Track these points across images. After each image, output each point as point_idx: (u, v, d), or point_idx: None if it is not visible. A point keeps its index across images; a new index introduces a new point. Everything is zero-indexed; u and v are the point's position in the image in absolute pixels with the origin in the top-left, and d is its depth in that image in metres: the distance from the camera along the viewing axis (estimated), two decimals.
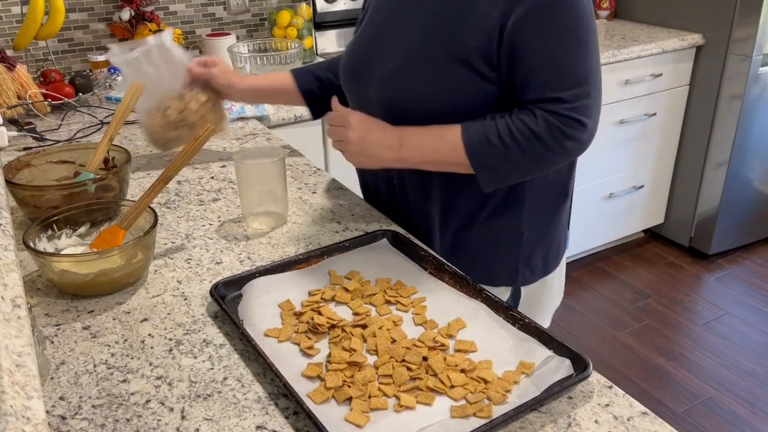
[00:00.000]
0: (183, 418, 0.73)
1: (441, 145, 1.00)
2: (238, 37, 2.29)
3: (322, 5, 2.33)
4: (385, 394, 0.75)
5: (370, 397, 0.74)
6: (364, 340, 0.83)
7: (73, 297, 0.95)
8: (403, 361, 0.79)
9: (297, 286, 0.94)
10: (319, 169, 1.38)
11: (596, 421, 0.72)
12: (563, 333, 2.38)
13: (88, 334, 0.87)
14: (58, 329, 0.88)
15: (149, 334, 0.87)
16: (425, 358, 0.80)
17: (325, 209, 1.20)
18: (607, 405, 0.74)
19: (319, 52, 2.37)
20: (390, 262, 1.00)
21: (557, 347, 0.80)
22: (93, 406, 0.75)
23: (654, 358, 2.29)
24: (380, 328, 0.84)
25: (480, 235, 1.11)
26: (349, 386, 0.76)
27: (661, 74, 2.54)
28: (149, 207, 1.01)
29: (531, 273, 1.15)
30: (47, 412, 0.74)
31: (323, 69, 1.30)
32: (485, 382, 0.76)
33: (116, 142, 1.31)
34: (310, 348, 0.82)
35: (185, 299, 0.94)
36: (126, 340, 0.86)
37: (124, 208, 1.05)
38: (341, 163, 1.98)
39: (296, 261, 0.99)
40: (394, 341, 0.83)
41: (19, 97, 1.68)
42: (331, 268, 0.98)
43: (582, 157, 1.16)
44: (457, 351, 0.82)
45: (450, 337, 0.84)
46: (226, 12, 2.29)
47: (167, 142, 1.30)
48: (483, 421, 0.70)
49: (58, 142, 1.54)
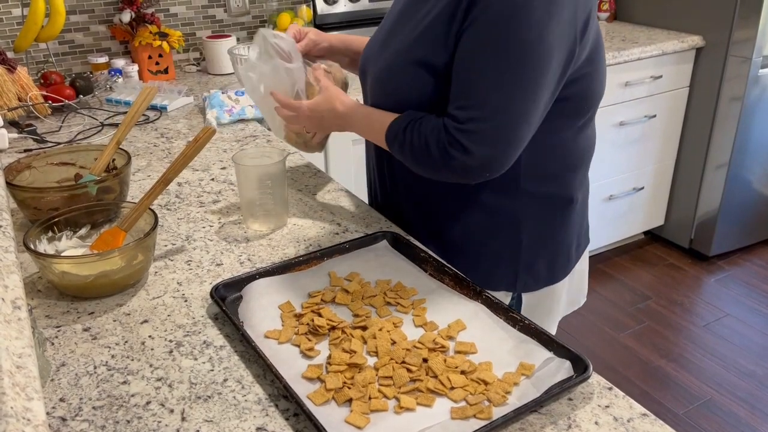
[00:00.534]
0: (183, 419, 0.73)
1: (374, 137, 1.07)
2: (238, 39, 2.29)
3: (323, 7, 2.33)
4: (386, 396, 0.75)
5: (370, 398, 0.74)
6: (364, 342, 0.83)
7: (73, 299, 0.95)
8: (403, 362, 0.79)
9: (297, 288, 0.94)
10: (319, 171, 1.38)
11: (596, 423, 0.72)
12: (563, 334, 2.38)
13: (89, 336, 0.87)
14: (58, 331, 0.88)
15: (149, 336, 0.87)
16: (425, 360, 0.80)
17: (325, 211, 1.20)
18: (607, 406, 0.74)
19: None
20: (390, 264, 1.00)
21: (557, 349, 0.80)
22: (93, 408, 0.75)
23: (654, 360, 2.29)
24: (380, 330, 0.84)
25: (477, 241, 1.10)
26: (349, 388, 0.76)
27: (661, 76, 2.54)
28: (150, 209, 1.01)
29: (533, 280, 1.13)
30: (47, 413, 0.74)
31: None
32: (485, 383, 0.76)
33: None
34: (310, 349, 0.82)
35: (185, 301, 0.94)
36: (126, 342, 0.86)
37: (125, 210, 1.06)
38: (341, 164, 1.99)
39: (296, 263, 0.99)
40: (394, 343, 0.83)
41: (19, 99, 1.69)
42: (331, 270, 0.98)
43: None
44: (457, 352, 0.82)
45: (450, 338, 0.85)
46: (227, 14, 2.30)
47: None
48: (483, 423, 0.70)
49: (59, 144, 1.54)
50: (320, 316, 0.87)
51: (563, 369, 0.77)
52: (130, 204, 1.04)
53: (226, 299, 0.92)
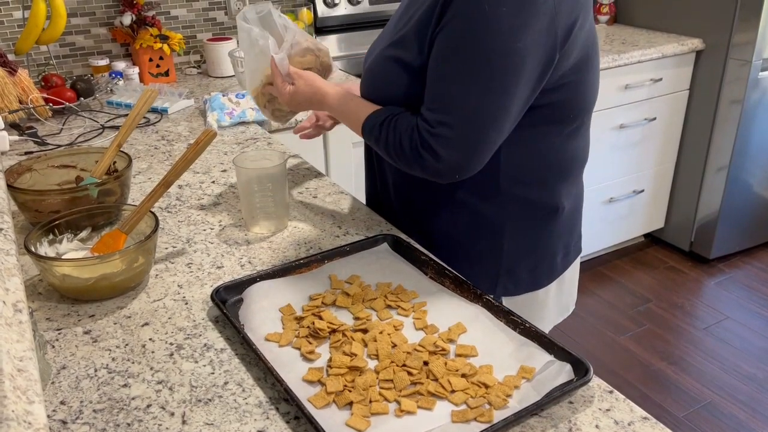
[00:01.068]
0: (184, 422, 0.73)
1: (352, 122, 1.07)
2: (238, 42, 2.29)
3: (323, 10, 2.34)
4: (386, 399, 0.75)
5: (370, 401, 0.74)
6: (365, 345, 0.83)
7: (74, 301, 0.95)
8: (404, 365, 0.79)
9: (298, 291, 0.94)
10: (319, 174, 1.38)
11: (597, 426, 0.72)
12: (563, 337, 2.38)
13: (89, 339, 0.87)
14: (59, 333, 0.88)
15: (150, 339, 0.87)
16: (426, 363, 0.80)
17: (325, 214, 1.20)
18: (608, 410, 0.74)
19: None
20: (391, 267, 1.00)
21: (558, 352, 0.80)
22: (94, 411, 0.75)
23: (654, 363, 2.29)
24: (381, 333, 0.84)
25: (458, 241, 1.10)
26: (349, 391, 0.76)
27: (661, 79, 2.55)
28: (150, 211, 1.01)
29: (514, 285, 1.12)
30: (48, 416, 0.74)
31: None
32: (486, 386, 0.76)
33: None
34: (311, 352, 0.82)
35: (186, 304, 0.94)
36: (127, 345, 0.86)
37: (126, 213, 1.06)
38: (342, 167, 1.99)
39: (297, 265, 0.99)
40: (394, 346, 0.83)
41: (20, 102, 1.69)
42: (332, 273, 0.98)
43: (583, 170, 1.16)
44: (458, 355, 0.82)
45: (451, 341, 0.85)
46: (227, 17, 2.30)
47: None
48: (484, 426, 0.70)
49: (60, 146, 1.54)
50: (321, 318, 0.87)
51: (564, 372, 0.77)
52: (131, 207, 1.04)
53: (227, 302, 0.92)
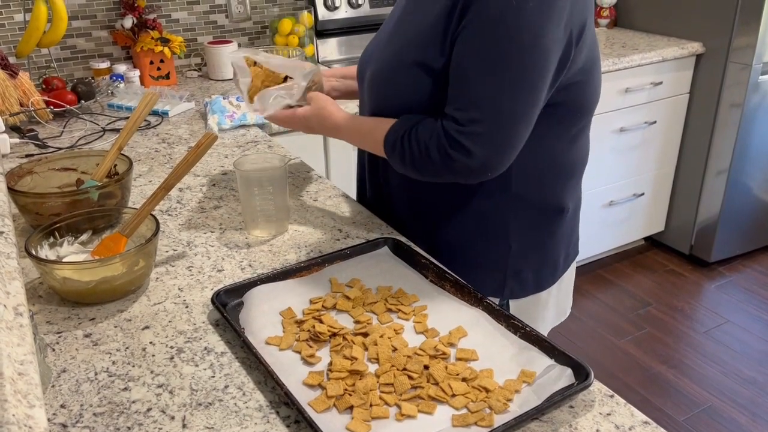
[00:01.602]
0: (184, 426, 0.73)
1: (370, 144, 1.08)
2: (239, 45, 2.30)
3: (324, 13, 2.34)
4: (387, 403, 0.75)
5: (371, 405, 0.74)
6: (366, 349, 0.83)
7: (74, 304, 0.95)
8: (405, 369, 0.79)
9: (298, 294, 0.94)
10: (320, 177, 1.38)
11: (597, 431, 0.72)
12: (563, 340, 2.38)
13: (90, 342, 0.87)
14: (59, 337, 0.88)
15: (150, 342, 0.87)
16: (426, 367, 0.80)
17: (326, 217, 1.20)
18: (609, 414, 0.74)
19: (320, 60, 2.37)
20: (391, 270, 1.00)
21: (558, 356, 0.80)
22: (94, 414, 0.75)
23: (655, 366, 2.29)
24: (381, 337, 0.84)
25: (465, 246, 1.10)
26: (350, 395, 0.76)
27: (661, 82, 2.55)
28: (151, 214, 1.01)
29: (520, 287, 1.13)
30: (48, 420, 0.74)
31: None
32: (486, 390, 0.76)
33: None
34: (312, 356, 0.82)
35: (186, 307, 0.94)
36: (127, 348, 0.86)
37: (126, 216, 1.06)
38: (343, 170, 1.99)
39: (297, 269, 0.99)
40: (395, 350, 0.83)
41: (21, 105, 1.69)
42: (332, 276, 0.98)
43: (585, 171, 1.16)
44: (459, 359, 0.82)
45: (451, 345, 0.84)
46: (228, 20, 2.30)
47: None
48: (484, 430, 0.70)
49: (60, 149, 1.54)
50: (321, 322, 0.87)
51: (564, 376, 0.77)
52: (132, 210, 1.04)
53: (227, 305, 0.92)
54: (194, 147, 1.03)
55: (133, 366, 0.83)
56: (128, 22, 2.05)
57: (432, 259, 1.02)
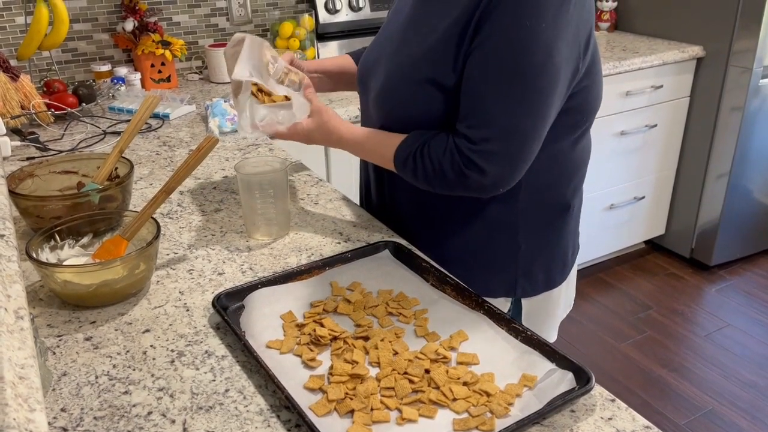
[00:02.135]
0: (185, 430, 0.73)
1: (377, 159, 1.08)
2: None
3: (325, 16, 2.34)
4: (388, 407, 0.75)
5: (372, 409, 0.74)
6: (366, 352, 0.83)
7: (75, 308, 0.95)
8: (405, 373, 0.79)
9: (299, 298, 0.94)
10: (321, 180, 1.38)
11: None
12: (564, 344, 2.38)
13: (90, 345, 0.87)
14: (60, 340, 0.88)
15: (151, 346, 0.87)
16: (427, 371, 0.80)
17: (326, 220, 1.20)
18: (610, 419, 0.74)
19: None
20: (392, 274, 1.00)
21: (559, 360, 0.80)
22: (95, 418, 0.75)
23: (655, 370, 2.28)
24: (382, 340, 0.84)
25: (475, 249, 1.10)
26: (351, 399, 0.75)
27: (661, 86, 2.55)
28: (152, 218, 1.01)
29: (531, 286, 1.14)
30: (49, 423, 0.74)
31: None
32: (487, 395, 0.76)
33: None
34: (312, 360, 0.82)
35: (187, 310, 0.94)
36: (128, 352, 0.86)
37: (127, 219, 1.06)
38: (343, 173, 1.99)
39: (298, 272, 0.99)
40: (396, 353, 0.83)
41: (22, 107, 1.69)
42: (333, 280, 0.98)
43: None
44: (460, 363, 0.82)
45: (452, 349, 0.84)
46: (229, 23, 2.31)
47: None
48: None
49: (61, 152, 1.54)
50: (322, 326, 0.87)
51: (566, 380, 0.77)
52: (133, 213, 1.04)
53: (228, 309, 0.92)
54: (195, 150, 1.03)
55: (134, 369, 0.83)
56: (129, 25, 2.05)
57: (433, 263, 1.02)
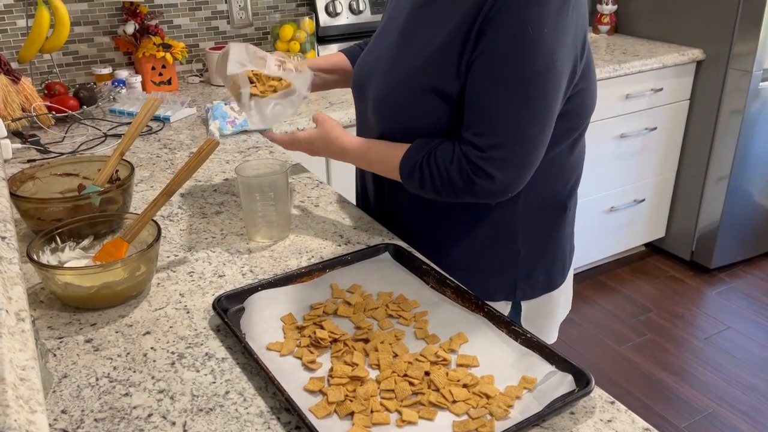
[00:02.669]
0: None
1: (381, 169, 1.08)
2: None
3: (325, 19, 2.35)
4: (387, 409, 0.75)
5: (372, 411, 0.74)
6: (366, 355, 0.83)
7: (75, 310, 0.95)
8: (405, 375, 0.79)
9: (299, 300, 0.95)
10: (321, 183, 1.38)
11: None
12: (564, 346, 2.38)
13: (91, 347, 0.87)
14: (60, 342, 0.88)
15: (151, 348, 0.87)
16: (427, 373, 0.80)
17: (327, 223, 1.20)
18: (610, 421, 0.74)
19: None
20: (392, 276, 1.01)
21: (559, 362, 0.80)
22: (95, 420, 0.75)
23: (656, 372, 2.28)
24: (382, 343, 0.84)
25: (476, 253, 1.11)
26: (351, 401, 0.76)
27: (661, 89, 2.55)
28: (152, 220, 1.01)
29: (532, 289, 1.14)
30: (50, 425, 0.74)
31: None
32: (487, 397, 0.76)
33: None
34: (312, 362, 0.82)
35: (188, 312, 0.94)
36: (128, 354, 0.86)
37: (128, 221, 1.06)
38: (344, 176, 1.99)
39: (298, 274, 0.99)
40: (396, 356, 0.83)
41: (23, 110, 1.69)
42: (333, 282, 0.98)
43: (583, 170, 1.17)
44: (459, 366, 0.82)
45: (452, 351, 0.84)
46: (230, 26, 2.31)
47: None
48: None
49: (62, 154, 1.55)
50: (322, 328, 0.87)
51: (565, 383, 0.77)
52: (133, 215, 1.05)
53: (228, 311, 0.92)
54: (196, 152, 1.03)
55: (134, 371, 0.83)
56: (130, 27, 2.06)
57: (433, 265, 1.02)
